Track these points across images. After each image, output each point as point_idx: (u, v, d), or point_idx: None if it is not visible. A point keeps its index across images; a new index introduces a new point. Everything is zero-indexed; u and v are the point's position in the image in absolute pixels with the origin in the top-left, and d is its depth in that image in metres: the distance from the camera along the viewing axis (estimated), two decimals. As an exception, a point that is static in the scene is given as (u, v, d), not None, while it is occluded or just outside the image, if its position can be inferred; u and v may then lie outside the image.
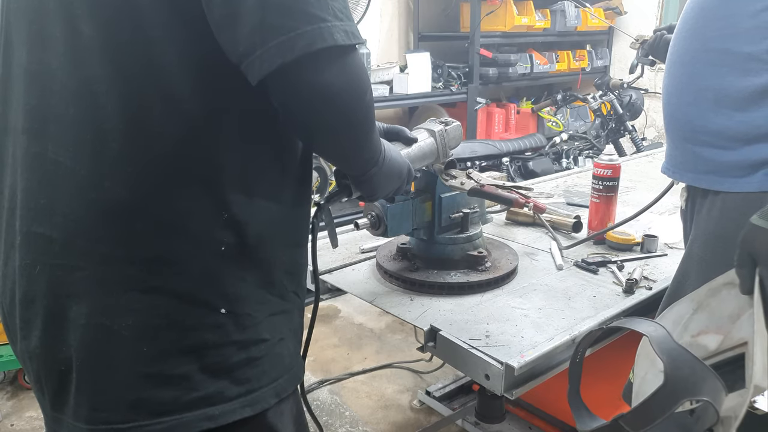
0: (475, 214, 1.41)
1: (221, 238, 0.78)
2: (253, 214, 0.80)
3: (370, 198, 1.04)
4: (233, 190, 0.78)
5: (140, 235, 0.75)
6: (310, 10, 0.70)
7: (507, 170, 3.66)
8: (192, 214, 0.76)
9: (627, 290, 1.33)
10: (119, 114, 0.73)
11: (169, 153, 0.75)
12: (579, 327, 1.16)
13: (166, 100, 0.73)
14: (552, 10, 4.28)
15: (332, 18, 0.72)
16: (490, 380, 1.06)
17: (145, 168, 0.74)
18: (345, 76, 0.74)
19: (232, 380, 0.80)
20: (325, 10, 0.71)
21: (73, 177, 0.75)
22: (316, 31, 0.70)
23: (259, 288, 0.83)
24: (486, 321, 1.20)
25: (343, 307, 3.15)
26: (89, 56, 0.73)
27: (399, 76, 3.50)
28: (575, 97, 3.85)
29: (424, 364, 2.56)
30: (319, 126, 0.78)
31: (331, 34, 0.71)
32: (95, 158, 0.74)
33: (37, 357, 0.82)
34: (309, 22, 0.70)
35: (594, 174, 1.64)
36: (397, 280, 1.37)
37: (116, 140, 0.73)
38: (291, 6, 0.69)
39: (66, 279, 0.77)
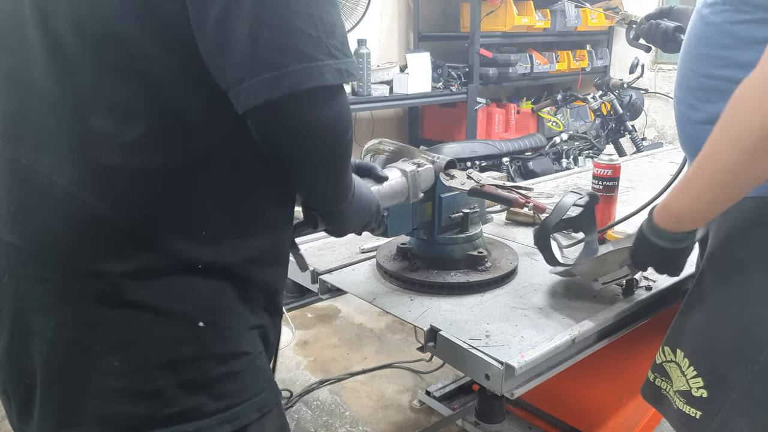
0: (475, 214, 1.41)
1: (199, 255, 0.77)
2: (232, 233, 0.80)
3: (337, 233, 1.04)
4: (213, 208, 0.77)
5: (116, 249, 0.74)
6: (302, 48, 0.69)
7: (507, 170, 3.66)
8: (170, 231, 0.75)
9: (627, 290, 1.32)
10: (104, 128, 0.72)
11: (151, 169, 0.74)
12: (579, 327, 1.16)
13: (154, 118, 0.73)
14: (552, 10, 4.28)
15: (325, 56, 0.71)
16: (490, 380, 1.06)
17: (126, 183, 0.73)
18: (329, 116, 0.74)
19: (210, 395, 0.78)
20: (319, 49, 0.70)
21: (49, 187, 0.74)
22: (306, 71, 0.69)
23: (237, 301, 0.81)
24: (486, 321, 1.20)
25: (343, 307, 3.15)
26: (75, 70, 0.72)
27: (399, 76, 3.50)
28: (575, 97, 3.85)
29: (424, 364, 2.56)
30: (296, 160, 0.78)
31: (321, 73, 0.70)
32: (75, 170, 0.73)
33: (2, 367, 0.80)
34: (300, 60, 0.69)
35: (594, 174, 1.64)
36: (397, 280, 1.37)
37: (99, 154, 0.72)
38: (283, 42, 0.69)
39: (33, 290, 0.75)
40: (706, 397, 1.09)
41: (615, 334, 1.26)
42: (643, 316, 1.32)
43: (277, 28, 0.68)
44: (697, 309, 1.13)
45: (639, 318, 1.31)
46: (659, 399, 1.21)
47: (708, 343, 1.11)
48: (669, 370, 1.18)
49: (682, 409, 1.13)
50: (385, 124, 4.15)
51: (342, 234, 1.05)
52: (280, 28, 0.68)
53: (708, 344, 1.11)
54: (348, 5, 3.03)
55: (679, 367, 1.15)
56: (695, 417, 1.11)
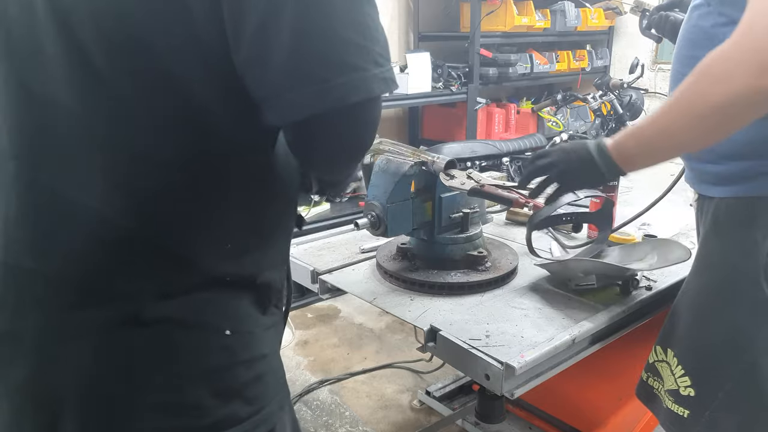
0: (475, 214, 1.41)
1: (225, 269, 0.76)
2: (253, 244, 0.79)
3: (332, 197, 1.05)
4: (238, 221, 0.77)
5: (145, 268, 0.72)
6: (348, 58, 0.66)
7: (507, 170, 3.66)
8: (198, 247, 0.74)
9: (626, 290, 1.33)
10: (137, 147, 0.70)
11: (182, 187, 0.72)
12: (579, 327, 1.16)
13: (187, 136, 0.70)
14: (552, 10, 4.28)
15: (371, 65, 0.68)
16: (490, 380, 1.06)
17: (157, 202, 0.72)
18: (370, 124, 0.73)
19: (243, 400, 0.78)
20: (366, 58, 0.67)
21: (74, 209, 0.71)
22: (352, 83, 0.66)
23: (252, 305, 0.82)
24: (486, 321, 1.20)
25: (343, 307, 3.15)
26: (105, 88, 0.69)
27: (399, 76, 3.50)
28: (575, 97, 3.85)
29: (424, 364, 2.56)
30: (325, 160, 0.79)
31: (368, 85, 0.67)
32: (104, 190, 0.70)
33: (21, 399, 0.76)
34: (345, 72, 0.66)
35: (594, 174, 1.64)
36: (397, 280, 1.37)
37: (130, 173, 0.70)
38: (327, 53, 0.65)
39: (61, 317, 0.72)
40: (693, 396, 1.10)
41: (615, 335, 1.26)
42: (643, 316, 1.32)
43: (320, 38, 0.65)
44: (685, 309, 1.14)
45: (639, 318, 1.32)
46: (651, 398, 1.22)
47: (695, 343, 1.11)
48: (660, 369, 1.19)
49: (671, 408, 1.14)
50: (385, 124, 4.15)
51: (335, 196, 1.05)
52: (323, 38, 0.65)
53: (695, 344, 1.11)
54: (348, 5, 3.02)
55: (669, 366, 1.16)
56: (683, 416, 1.12)
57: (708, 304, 1.10)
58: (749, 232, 1.02)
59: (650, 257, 1.35)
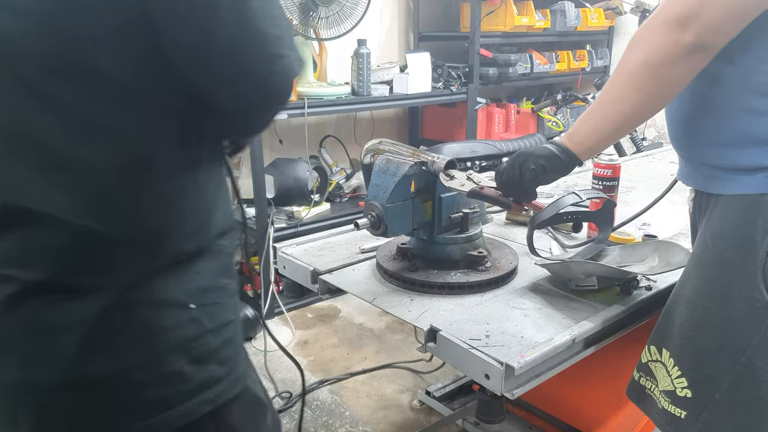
0: (475, 214, 1.41)
1: (183, 249, 0.83)
2: (204, 220, 0.86)
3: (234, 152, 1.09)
4: (193, 205, 0.83)
5: (107, 262, 0.77)
6: (275, 50, 0.76)
7: (507, 170, 3.65)
8: (163, 238, 0.81)
9: (627, 290, 1.33)
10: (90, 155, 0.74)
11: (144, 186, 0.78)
12: (579, 327, 1.16)
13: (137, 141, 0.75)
14: (552, 10, 4.28)
15: (288, 50, 0.78)
16: (490, 380, 1.06)
17: (104, 200, 0.76)
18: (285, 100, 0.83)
19: (217, 362, 0.86)
20: (283, 45, 0.77)
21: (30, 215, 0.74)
22: (282, 71, 0.78)
23: (216, 275, 0.87)
24: (486, 321, 1.20)
25: (343, 307, 3.15)
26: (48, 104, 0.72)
27: (399, 76, 3.50)
28: (575, 97, 3.85)
29: (424, 364, 2.56)
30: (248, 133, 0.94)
31: (292, 68, 0.79)
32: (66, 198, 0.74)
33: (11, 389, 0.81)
34: (275, 63, 0.77)
35: (594, 174, 1.65)
36: (397, 280, 1.37)
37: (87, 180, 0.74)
38: (258, 51, 0.75)
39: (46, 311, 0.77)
40: (690, 397, 1.10)
41: (615, 335, 1.26)
42: (643, 316, 1.32)
43: (253, 39, 0.74)
44: (681, 308, 1.14)
45: (639, 318, 1.32)
46: (643, 398, 1.22)
47: (692, 343, 1.11)
48: (654, 369, 1.18)
49: (667, 409, 1.14)
50: (385, 124, 4.15)
51: None
52: (255, 38, 0.74)
53: (692, 344, 1.11)
54: (348, 5, 3.02)
55: (664, 366, 1.15)
56: (680, 417, 1.12)
57: (705, 303, 1.10)
58: (748, 231, 1.02)
59: (651, 259, 1.35)
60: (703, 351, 1.09)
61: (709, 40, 0.95)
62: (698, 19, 0.94)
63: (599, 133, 1.12)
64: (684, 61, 0.98)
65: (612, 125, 1.10)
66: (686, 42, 0.95)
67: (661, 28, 0.98)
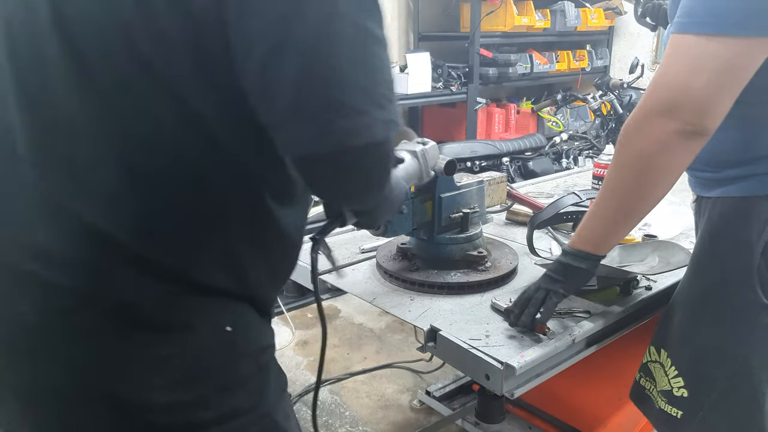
0: (475, 214, 1.41)
1: (223, 284, 0.76)
2: (252, 263, 0.79)
3: (369, 226, 1.05)
4: (244, 241, 0.77)
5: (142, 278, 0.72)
6: (350, 101, 0.65)
7: (507, 170, 3.66)
8: (204, 264, 0.74)
9: (626, 290, 1.33)
10: (144, 164, 0.69)
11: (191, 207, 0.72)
12: (579, 327, 1.16)
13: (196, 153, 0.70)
14: (552, 10, 4.28)
15: (374, 108, 0.67)
16: (490, 380, 1.06)
17: (153, 217, 0.71)
18: (374, 164, 0.73)
19: (246, 392, 0.79)
20: (368, 101, 0.66)
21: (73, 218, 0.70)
22: (353, 128, 0.66)
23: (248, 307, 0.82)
24: (486, 321, 1.20)
25: (343, 307, 3.15)
26: (104, 104, 0.68)
27: (399, 76, 3.50)
28: (575, 97, 3.85)
29: (424, 364, 2.56)
30: (335, 195, 0.83)
31: (370, 129, 0.67)
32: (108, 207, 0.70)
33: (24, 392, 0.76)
34: (347, 115, 0.65)
35: (594, 174, 1.65)
36: (397, 280, 1.37)
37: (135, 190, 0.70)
38: (330, 94, 0.64)
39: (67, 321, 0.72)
40: (686, 397, 1.11)
41: (615, 334, 1.26)
42: (643, 316, 1.32)
43: (324, 79, 0.64)
44: (679, 309, 1.14)
45: (639, 318, 1.31)
46: (642, 399, 1.22)
47: (688, 344, 1.12)
48: (653, 370, 1.19)
49: (664, 409, 1.15)
50: (385, 124, 4.15)
51: (374, 226, 1.06)
52: (326, 79, 0.64)
53: (688, 344, 1.12)
54: (348, 5, 3.02)
55: (662, 367, 1.16)
56: (676, 417, 1.12)
57: (701, 304, 1.10)
58: (743, 232, 1.03)
59: (651, 259, 1.35)
60: (699, 350, 1.10)
61: (701, 124, 0.92)
62: (684, 106, 0.91)
63: (607, 227, 1.07)
64: (679, 149, 0.95)
65: (617, 216, 1.05)
66: (678, 130, 0.92)
67: (649, 119, 0.95)
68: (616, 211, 1.04)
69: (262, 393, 0.81)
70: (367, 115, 0.66)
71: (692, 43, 0.90)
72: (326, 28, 0.64)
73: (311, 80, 0.64)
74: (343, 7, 0.64)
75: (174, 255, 0.72)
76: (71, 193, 0.71)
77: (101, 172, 0.70)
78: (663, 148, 0.94)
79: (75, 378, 0.73)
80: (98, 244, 0.70)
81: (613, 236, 1.08)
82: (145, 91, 0.67)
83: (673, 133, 0.92)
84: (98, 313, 0.71)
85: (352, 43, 0.65)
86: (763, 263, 1.01)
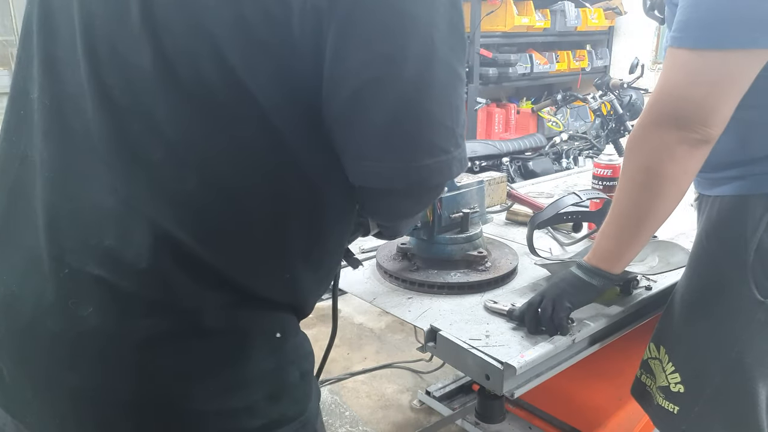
0: (474, 214, 1.41)
1: (278, 297, 0.77)
2: (305, 276, 0.79)
3: (391, 237, 1.06)
4: (297, 254, 0.77)
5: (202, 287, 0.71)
6: (437, 141, 0.67)
7: (507, 170, 3.66)
8: (259, 274, 0.74)
9: (627, 290, 1.32)
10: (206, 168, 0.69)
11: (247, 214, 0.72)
12: (579, 327, 1.16)
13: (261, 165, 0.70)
14: (552, 10, 4.29)
15: (454, 148, 0.69)
16: (490, 380, 1.06)
17: (221, 227, 0.71)
18: (434, 196, 0.75)
19: (292, 400, 0.79)
20: (450, 140, 0.68)
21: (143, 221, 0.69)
22: (436, 166, 0.68)
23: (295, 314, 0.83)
24: (486, 321, 1.20)
25: (343, 307, 3.15)
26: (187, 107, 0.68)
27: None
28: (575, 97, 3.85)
29: (424, 364, 2.56)
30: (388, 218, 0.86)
31: (450, 168, 0.69)
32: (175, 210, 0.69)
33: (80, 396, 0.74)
34: (433, 154, 0.67)
35: (594, 174, 1.65)
36: (397, 280, 1.37)
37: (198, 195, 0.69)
38: (420, 134, 0.67)
39: (131, 324, 0.71)
40: (683, 392, 1.12)
41: (615, 334, 1.26)
42: (643, 316, 1.32)
43: (418, 120, 0.66)
44: (677, 306, 1.16)
45: (639, 318, 1.32)
46: (643, 396, 1.24)
47: (684, 339, 1.13)
48: (653, 366, 1.20)
49: (661, 405, 1.16)
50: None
51: (394, 238, 1.07)
52: (420, 120, 0.66)
53: (684, 340, 1.13)
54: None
55: (661, 363, 1.17)
56: (673, 412, 1.14)
57: (697, 300, 1.12)
58: (738, 229, 1.04)
59: (651, 259, 1.35)
60: (695, 346, 1.11)
61: (705, 132, 0.92)
62: (687, 116, 0.92)
63: (620, 245, 1.07)
64: (686, 157, 0.95)
65: (629, 234, 1.06)
66: (682, 139, 0.93)
67: (654, 130, 0.95)
68: (628, 228, 1.05)
69: (306, 401, 0.81)
70: (449, 154, 0.69)
71: (688, 57, 0.92)
72: (425, 72, 0.66)
73: (405, 120, 0.66)
74: (441, 51, 0.66)
75: (237, 266, 0.72)
76: (148, 198, 0.69)
77: (180, 180, 0.69)
78: (669, 157, 0.95)
79: (132, 384, 0.72)
80: (168, 252, 0.69)
81: (626, 253, 1.08)
82: (229, 101, 0.67)
83: (677, 143, 0.93)
84: (160, 320, 0.70)
85: (445, 86, 0.67)
86: (757, 260, 1.02)
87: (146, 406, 0.72)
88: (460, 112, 0.70)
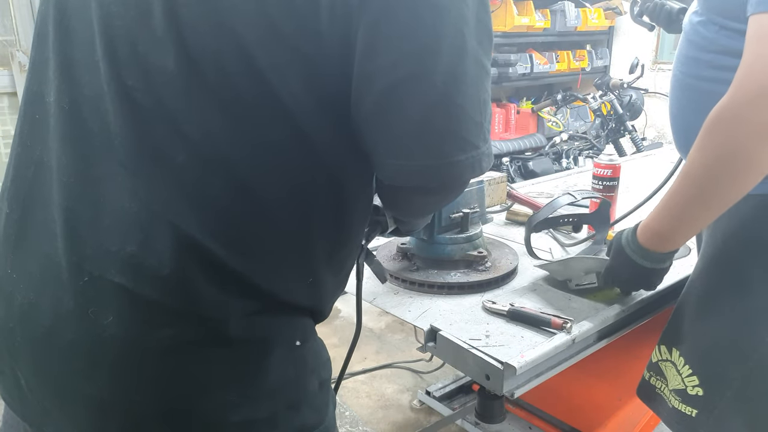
0: (475, 214, 1.41)
1: (301, 302, 0.76)
2: (326, 279, 0.79)
3: (406, 234, 1.07)
4: (321, 259, 0.76)
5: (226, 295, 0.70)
6: (468, 137, 0.67)
7: (507, 170, 3.66)
8: (284, 279, 0.73)
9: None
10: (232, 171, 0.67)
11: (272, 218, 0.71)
12: (579, 327, 1.16)
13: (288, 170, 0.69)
14: (552, 10, 4.29)
15: (483, 143, 0.69)
16: (490, 380, 1.06)
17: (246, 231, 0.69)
18: (459, 192, 0.76)
19: (312, 408, 0.78)
20: (480, 135, 0.68)
21: (165, 227, 0.67)
22: (466, 162, 0.67)
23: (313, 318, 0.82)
24: (486, 321, 1.20)
25: (343, 307, 3.15)
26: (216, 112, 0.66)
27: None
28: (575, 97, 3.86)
29: (424, 364, 2.56)
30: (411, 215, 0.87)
31: (480, 163, 0.69)
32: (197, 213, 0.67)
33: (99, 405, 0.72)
34: (464, 150, 0.67)
35: (594, 174, 1.64)
36: (397, 280, 1.37)
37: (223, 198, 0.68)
38: (453, 130, 0.66)
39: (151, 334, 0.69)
40: (701, 396, 1.10)
41: (615, 334, 1.26)
42: (643, 316, 1.32)
43: (450, 116, 0.66)
44: (692, 307, 1.14)
45: (639, 318, 1.31)
46: (653, 397, 1.22)
47: (702, 342, 1.11)
48: (664, 369, 1.18)
49: (677, 408, 1.14)
50: (385, 124, 4.16)
51: (411, 234, 1.07)
52: (452, 115, 0.66)
53: (702, 343, 1.11)
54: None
55: (674, 366, 1.15)
56: (691, 415, 1.12)
57: (716, 303, 1.10)
58: (758, 230, 1.03)
59: None
60: (714, 350, 1.09)
61: None
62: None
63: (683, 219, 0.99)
64: None
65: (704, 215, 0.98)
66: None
67: (748, 108, 0.85)
68: (697, 202, 0.96)
69: (324, 410, 0.80)
70: (479, 149, 0.69)
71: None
72: (457, 67, 0.65)
73: (438, 116, 0.65)
74: (470, 44, 0.66)
75: (262, 273, 0.71)
76: (170, 202, 0.67)
77: (204, 183, 0.67)
78: (763, 139, 0.85)
79: (152, 394, 0.70)
80: (192, 259, 0.67)
81: (682, 228, 1.01)
82: (256, 102, 0.66)
83: (760, 151, 0.85)
84: (182, 329, 0.69)
85: (475, 81, 0.67)
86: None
87: (166, 417, 0.70)
88: (487, 106, 0.69)
